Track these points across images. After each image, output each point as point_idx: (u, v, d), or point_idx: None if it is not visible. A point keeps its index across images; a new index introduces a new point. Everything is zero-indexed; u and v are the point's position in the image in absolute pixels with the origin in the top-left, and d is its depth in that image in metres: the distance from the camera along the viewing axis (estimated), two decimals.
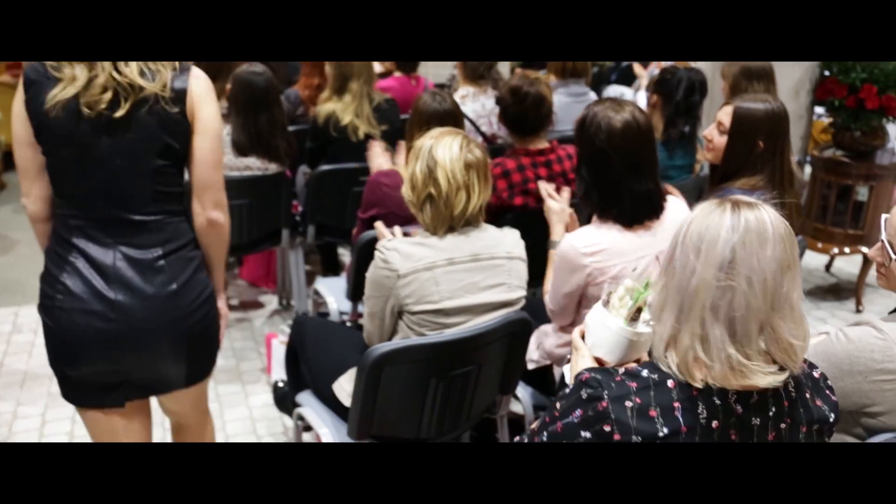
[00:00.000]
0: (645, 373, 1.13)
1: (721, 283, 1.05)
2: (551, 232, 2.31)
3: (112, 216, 1.57)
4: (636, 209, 1.93)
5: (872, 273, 3.93)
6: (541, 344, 2.23)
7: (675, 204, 2.07)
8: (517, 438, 1.30)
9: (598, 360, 1.30)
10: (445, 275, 1.83)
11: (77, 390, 1.67)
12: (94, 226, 1.57)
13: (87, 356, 1.60)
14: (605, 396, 1.09)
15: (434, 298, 1.82)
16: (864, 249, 3.83)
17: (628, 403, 1.09)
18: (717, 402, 1.10)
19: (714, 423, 1.09)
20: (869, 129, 3.63)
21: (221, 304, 1.77)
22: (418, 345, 1.76)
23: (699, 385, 1.09)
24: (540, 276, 2.30)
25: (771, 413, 1.14)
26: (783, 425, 1.16)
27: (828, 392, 1.23)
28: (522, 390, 2.23)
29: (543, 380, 2.24)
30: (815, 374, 1.23)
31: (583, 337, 1.35)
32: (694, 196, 2.96)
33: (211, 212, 1.67)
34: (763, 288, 1.05)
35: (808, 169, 4.10)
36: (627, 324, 1.28)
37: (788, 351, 1.08)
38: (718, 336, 1.06)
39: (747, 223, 1.07)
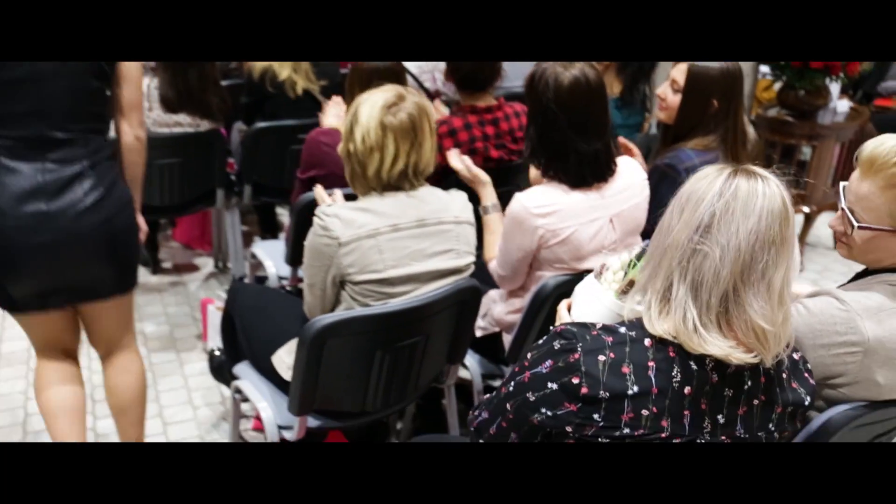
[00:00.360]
0: (623, 329, 1.10)
1: (694, 246, 1.04)
2: (480, 198, 2.23)
3: (42, 134, 1.66)
4: (581, 170, 1.87)
5: (813, 233, 4.00)
6: (489, 311, 2.17)
7: (628, 166, 2.01)
8: (486, 396, 1.27)
9: None
10: (390, 242, 1.76)
11: (17, 300, 1.79)
12: (21, 144, 1.65)
13: (27, 269, 1.71)
14: (579, 349, 1.07)
15: (378, 267, 1.75)
16: (806, 209, 3.85)
17: (601, 357, 1.06)
18: (694, 367, 1.07)
19: (686, 389, 1.07)
20: (813, 88, 3.63)
21: (140, 219, 1.93)
22: (362, 316, 1.70)
23: (658, 333, 1.07)
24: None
25: (746, 387, 1.11)
26: (756, 402, 1.13)
27: (806, 375, 1.19)
28: (471, 358, 2.18)
29: (492, 347, 2.19)
30: (796, 357, 1.20)
31: (569, 309, 1.34)
32: (641, 155, 2.92)
33: (137, 129, 1.85)
34: (735, 258, 1.03)
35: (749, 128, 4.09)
36: (618, 297, 1.26)
37: (758, 334, 1.05)
38: (682, 295, 1.05)
39: (736, 191, 1.04)
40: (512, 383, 1.16)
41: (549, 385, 1.09)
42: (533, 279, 2.01)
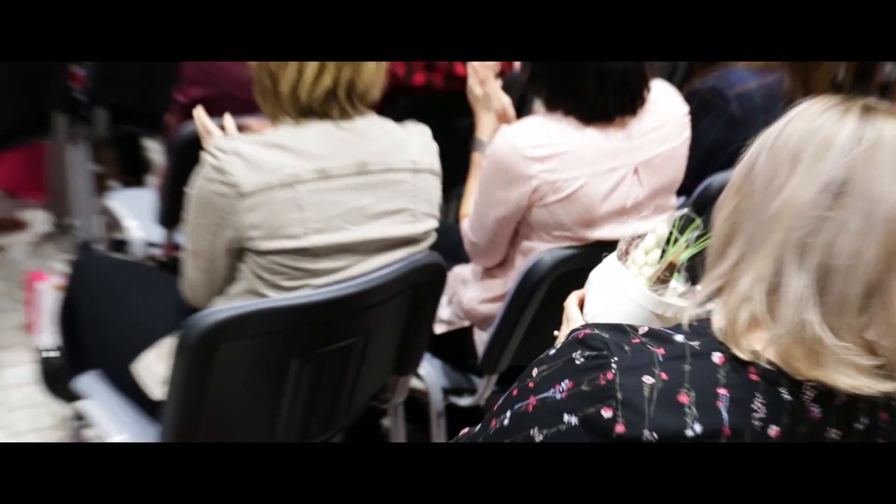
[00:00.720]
0: (679, 337, 1.05)
1: (821, 213, 0.97)
2: (477, 127, 2.23)
3: None
4: (602, 98, 1.86)
5: None
6: (455, 296, 2.16)
7: (665, 93, 2.02)
8: (464, 431, 1.25)
9: None
10: (315, 195, 1.71)
11: None
12: None
13: None
14: (613, 365, 1.01)
15: (296, 231, 1.71)
16: None
17: (648, 379, 1.00)
18: (786, 396, 1.00)
19: (773, 430, 1.00)
20: None
21: None
22: (272, 308, 1.66)
23: (746, 357, 1.01)
24: (452, 188, 2.25)
25: (860, 427, 1.04)
26: None
27: None
28: (428, 365, 2.18)
29: (458, 349, 2.18)
30: None
31: (582, 306, 1.34)
32: (665, 75, 2.98)
33: None
34: (885, 231, 0.96)
35: None
36: (651, 287, 1.24)
37: None
38: (799, 289, 0.97)
39: (879, 137, 0.97)
40: (508, 413, 1.10)
41: (566, 418, 1.03)
42: (520, 252, 1.99)
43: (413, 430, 2.28)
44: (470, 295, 2.09)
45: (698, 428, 0.99)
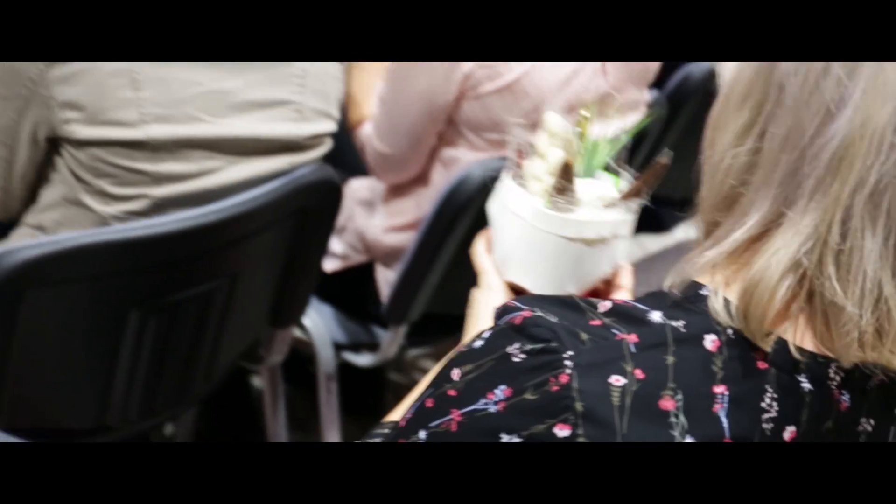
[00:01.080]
0: (657, 315, 1.00)
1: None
2: None
3: None
4: None
5: None
6: (351, 221, 2.21)
7: None
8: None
9: (515, 290, 1.28)
10: (158, 69, 1.72)
11: None
12: None
13: None
14: (567, 362, 0.95)
15: (129, 117, 1.70)
16: None
17: (617, 380, 0.96)
18: (807, 385, 0.99)
19: (788, 433, 1.00)
20: None
21: None
22: (101, 243, 1.62)
23: (767, 347, 0.98)
24: None
25: None
26: None
27: None
28: (315, 313, 2.21)
29: (355, 292, 2.25)
30: None
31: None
32: None
33: None
34: None
35: None
36: (549, 203, 1.21)
37: None
38: (875, 252, 0.94)
39: None
40: (422, 435, 1.05)
41: (506, 440, 0.99)
42: (440, 163, 2.06)
43: (296, 394, 2.32)
44: (375, 222, 2.14)
45: (689, 440, 0.98)
